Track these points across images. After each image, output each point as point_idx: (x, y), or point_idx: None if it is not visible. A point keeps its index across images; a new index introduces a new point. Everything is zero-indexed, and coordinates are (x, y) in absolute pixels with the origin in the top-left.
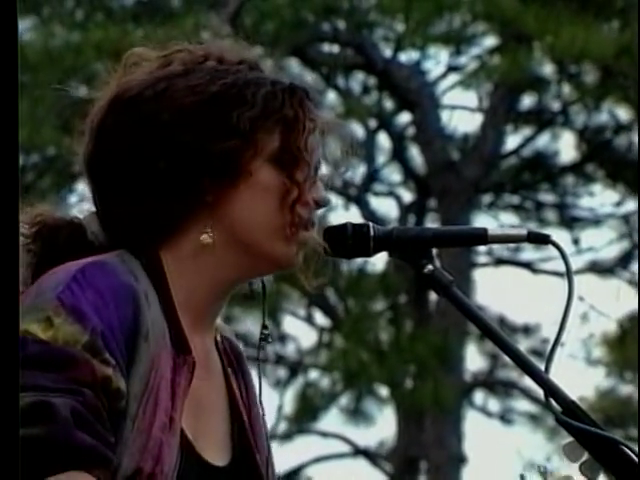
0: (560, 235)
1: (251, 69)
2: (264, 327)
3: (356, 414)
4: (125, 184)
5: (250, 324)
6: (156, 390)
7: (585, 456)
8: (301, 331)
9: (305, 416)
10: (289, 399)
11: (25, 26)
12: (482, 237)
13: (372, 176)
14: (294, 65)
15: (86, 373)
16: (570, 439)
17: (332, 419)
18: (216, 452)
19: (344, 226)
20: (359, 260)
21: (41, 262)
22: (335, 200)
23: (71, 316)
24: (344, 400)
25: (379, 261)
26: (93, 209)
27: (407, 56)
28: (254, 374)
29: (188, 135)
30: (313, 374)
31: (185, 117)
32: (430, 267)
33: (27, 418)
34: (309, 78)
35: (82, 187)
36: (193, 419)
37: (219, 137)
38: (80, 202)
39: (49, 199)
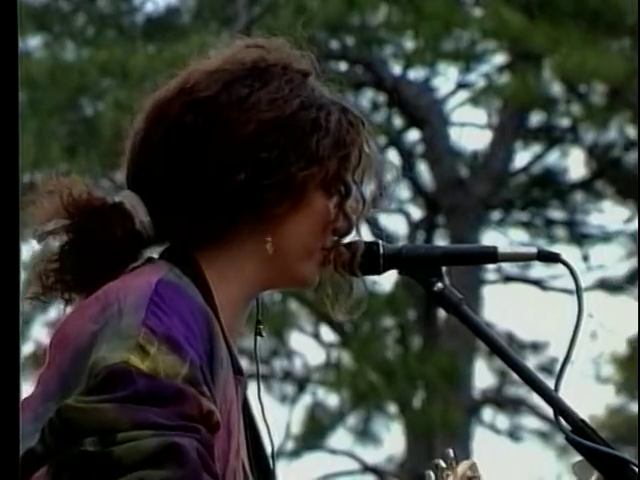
0: (570, 252)
1: (307, 77)
2: (258, 322)
3: (364, 434)
4: (194, 184)
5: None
6: (227, 416)
7: (595, 475)
8: (308, 347)
9: (313, 434)
10: (297, 416)
11: (35, 43)
12: (492, 255)
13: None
14: None
15: (194, 408)
16: (580, 458)
17: (341, 437)
18: (249, 470)
19: (354, 244)
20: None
21: (83, 249)
22: None
23: (165, 345)
24: (352, 420)
25: (387, 279)
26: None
27: (416, 73)
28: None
29: (271, 153)
30: (321, 391)
31: (268, 133)
32: (440, 285)
33: (157, 459)
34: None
35: None
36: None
37: (300, 162)
38: None
39: None
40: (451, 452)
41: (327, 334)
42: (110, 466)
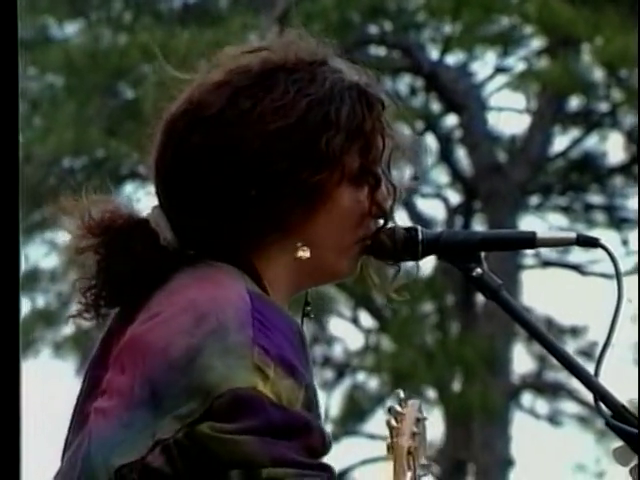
0: (609, 236)
1: (321, 66)
2: (306, 304)
3: None
4: (210, 203)
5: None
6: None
7: (635, 460)
8: (348, 333)
9: (352, 418)
10: (336, 401)
11: (73, 29)
12: (531, 241)
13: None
14: None
15: (319, 440)
16: (621, 443)
17: (379, 421)
18: None
19: (393, 230)
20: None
21: (112, 265)
22: None
23: (280, 368)
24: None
25: (426, 265)
26: (153, 199)
27: (454, 58)
28: None
29: (280, 164)
30: (360, 376)
31: (275, 144)
32: (479, 270)
33: None
34: (371, 74)
35: (129, 189)
36: None
37: (310, 167)
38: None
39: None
40: (401, 393)
41: (366, 319)
42: None
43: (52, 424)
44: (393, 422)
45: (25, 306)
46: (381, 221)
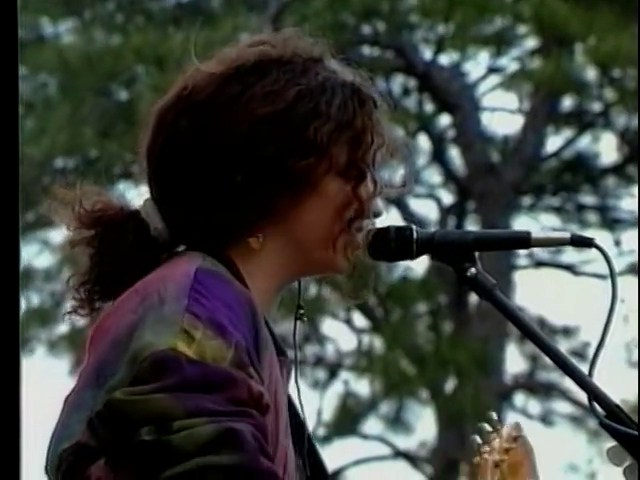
0: (601, 237)
1: (317, 63)
2: (299, 307)
3: (396, 420)
4: (197, 188)
5: (289, 326)
6: (275, 397)
7: (629, 460)
8: (340, 333)
9: (345, 420)
10: (328, 401)
11: (66, 28)
12: (525, 241)
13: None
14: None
15: (244, 391)
16: (614, 443)
17: (372, 422)
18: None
19: (387, 229)
20: (401, 263)
21: (104, 259)
22: None
23: (210, 329)
24: (383, 406)
25: (420, 265)
26: (142, 197)
27: (447, 58)
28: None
29: (267, 149)
30: (352, 377)
31: (263, 129)
32: (473, 270)
33: (215, 446)
34: (366, 75)
35: (122, 188)
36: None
37: (297, 154)
38: None
39: None
40: (494, 415)
41: (359, 319)
42: (169, 454)
43: (47, 423)
44: (479, 440)
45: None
46: (370, 219)
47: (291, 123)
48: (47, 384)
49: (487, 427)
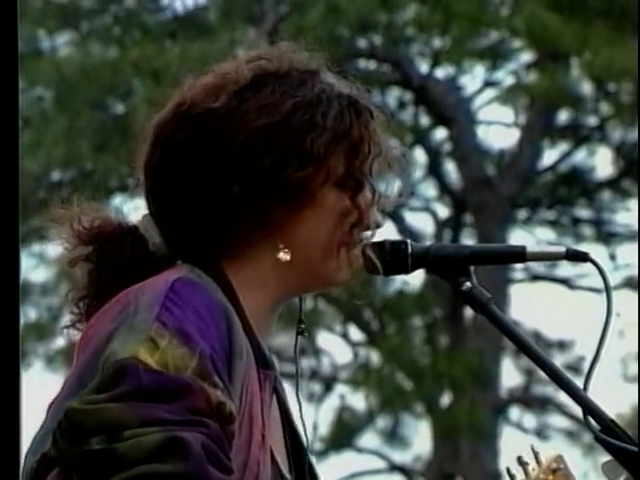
0: (596, 250)
1: (313, 76)
2: (300, 322)
3: (391, 434)
4: (193, 201)
5: (285, 339)
6: (249, 407)
7: (624, 475)
8: (336, 346)
9: (341, 434)
10: (323, 414)
11: (63, 42)
12: (520, 255)
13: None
14: None
15: (202, 401)
16: (609, 457)
17: (368, 436)
18: (285, 467)
19: (382, 243)
20: (397, 277)
21: (103, 275)
22: None
23: (176, 338)
24: (379, 420)
25: (415, 279)
26: (141, 213)
27: (443, 72)
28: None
29: (263, 161)
30: (348, 390)
31: (259, 141)
32: (468, 284)
33: (160, 454)
34: (362, 88)
35: (118, 201)
36: (269, 434)
37: (294, 165)
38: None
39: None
40: (534, 447)
41: (355, 333)
42: (114, 462)
43: None
44: (513, 471)
45: None
46: (368, 231)
47: (287, 135)
48: (44, 398)
49: (524, 457)
